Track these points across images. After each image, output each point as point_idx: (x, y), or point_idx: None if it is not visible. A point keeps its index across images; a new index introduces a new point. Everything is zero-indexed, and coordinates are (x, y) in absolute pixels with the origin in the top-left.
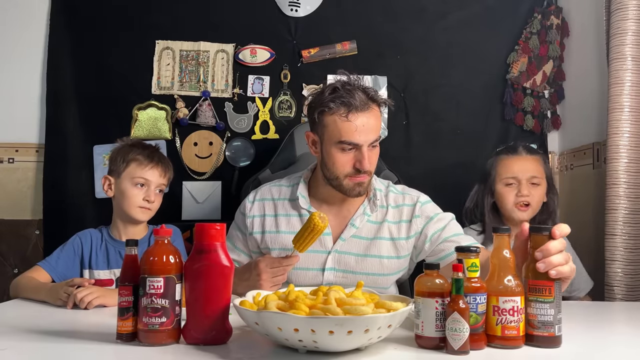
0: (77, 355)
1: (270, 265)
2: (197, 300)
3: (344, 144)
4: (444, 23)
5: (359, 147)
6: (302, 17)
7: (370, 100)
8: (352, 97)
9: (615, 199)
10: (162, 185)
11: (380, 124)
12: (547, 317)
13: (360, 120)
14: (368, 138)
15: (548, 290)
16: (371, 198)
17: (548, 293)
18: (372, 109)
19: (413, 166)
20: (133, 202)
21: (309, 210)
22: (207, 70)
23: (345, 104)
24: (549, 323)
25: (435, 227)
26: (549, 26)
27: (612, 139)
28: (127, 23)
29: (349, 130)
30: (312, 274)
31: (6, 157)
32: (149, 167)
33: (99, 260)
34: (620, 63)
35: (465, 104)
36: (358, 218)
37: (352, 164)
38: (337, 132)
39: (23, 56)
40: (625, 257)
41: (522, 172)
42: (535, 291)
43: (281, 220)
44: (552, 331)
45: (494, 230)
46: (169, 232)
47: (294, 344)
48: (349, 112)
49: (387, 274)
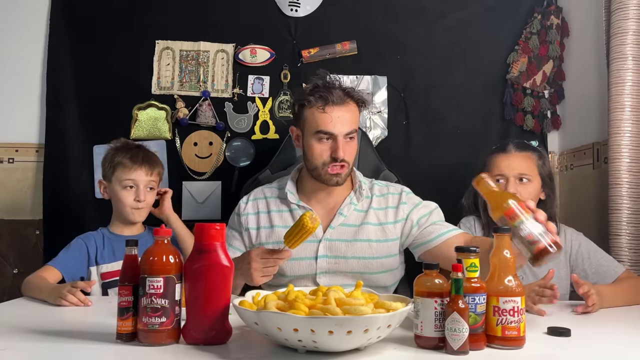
0: (77, 355)
1: (261, 255)
2: (197, 300)
3: (320, 134)
4: (444, 23)
5: (335, 137)
6: (302, 17)
7: (346, 95)
8: (329, 93)
9: (617, 199)
10: (152, 182)
11: (356, 119)
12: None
13: (336, 112)
14: (343, 129)
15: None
16: (357, 189)
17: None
18: (348, 104)
19: (413, 166)
20: (125, 204)
21: (298, 204)
22: (207, 70)
23: (323, 97)
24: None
25: (421, 212)
26: (549, 26)
27: (614, 139)
28: (127, 23)
29: (325, 120)
30: (305, 263)
31: (6, 157)
32: (134, 168)
33: (105, 255)
34: (621, 62)
35: (465, 104)
36: (345, 207)
37: (329, 153)
38: (315, 123)
39: (23, 56)
40: (630, 257)
41: (509, 169)
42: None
43: (274, 215)
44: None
45: (494, 230)
46: (168, 232)
47: (294, 344)
48: (326, 104)
49: (377, 256)
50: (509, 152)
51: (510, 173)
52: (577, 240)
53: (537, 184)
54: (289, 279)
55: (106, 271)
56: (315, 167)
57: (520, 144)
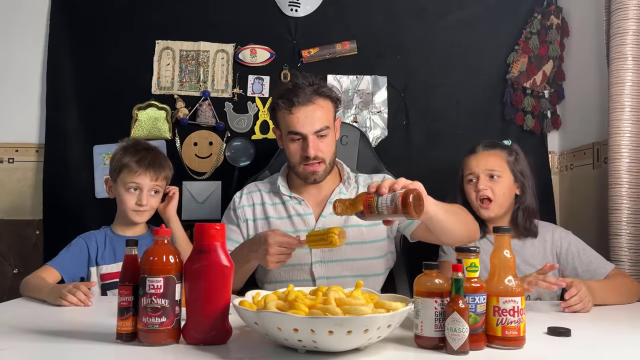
0: (77, 355)
1: (279, 243)
2: (197, 300)
3: (291, 135)
4: (444, 23)
5: (305, 137)
6: (302, 17)
7: (314, 93)
8: (294, 95)
9: (617, 199)
10: (157, 187)
11: (328, 115)
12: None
13: (302, 113)
14: (312, 128)
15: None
16: (345, 180)
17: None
18: (315, 102)
19: (413, 166)
20: (127, 205)
21: (290, 195)
22: (207, 70)
23: (289, 100)
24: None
25: None
26: (549, 26)
27: (614, 139)
28: (127, 23)
29: (293, 121)
30: (300, 253)
31: (6, 157)
32: (139, 172)
33: (106, 256)
34: (620, 63)
35: (465, 104)
36: (335, 197)
37: (301, 152)
38: (285, 124)
39: (23, 56)
40: (630, 257)
41: (478, 167)
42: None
43: (268, 207)
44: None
45: (494, 231)
46: (168, 232)
47: (294, 344)
48: (292, 106)
49: (369, 241)
50: (477, 152)
51: (479, 170)
52: (566, 239)
53: (507, 179)
54: (285, 268)
55: (106, 272)
56: (294, 165)
57: (489, 143)
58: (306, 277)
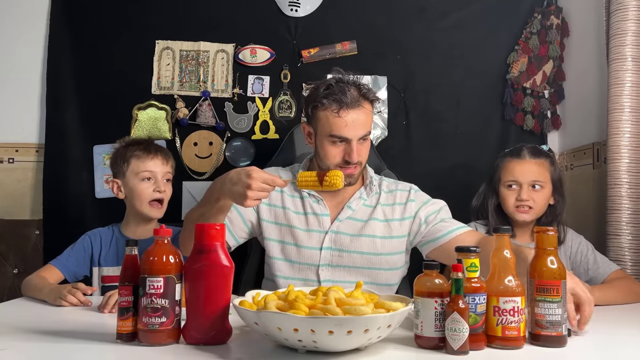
0: (77, 355)
1: (263, 179)
2: (197, 300)
3: (334, 138)
4: (444, 23)
5: (349, 141)
6: (302, 17)
7: (361, 97)
8: (343, 95)
9: (617, 199)
10: (168, 174)
11: (370, 119)
12: (555, 316)
13: (350, 116)
14: (357, 133)
15: (555, 290)
16: (367, 185)
17: (555, 293)
18: (362, 106)
19: (413, 166)
20: (144, 197)
21: (309, 193)
22: (207, 70)
23: (337, 100)
24: (557, 322)
25: (429, 209)
26: (549, 26)
27: (613, 139)
28: (127, 23)
29: (340, 125)
30: (309, 252)
31: (6, 157)
32: (149, 158)
33: (109, 257)
34: (620, 63)
35: (465, 104)
36: (354, 201)
37: (342, 156)
38: (329, 126)
39: (23, 56)
40: (630, 257)
41: (524, 176)
42: (542, 291)
43: (286, 198)
44: (560, 330)
45: (494, 230)
46: (168, 232)
47: (294, 344)
48: (340, 108)
49: (381, 253)
50: (523, 159)
51: (524, 180)
52: (577, 240)
53: (548, 190)
54: (292, 264)
55: (107, 275)
56: (327, 168)
57: (535, 150)
58: (312, 277)
